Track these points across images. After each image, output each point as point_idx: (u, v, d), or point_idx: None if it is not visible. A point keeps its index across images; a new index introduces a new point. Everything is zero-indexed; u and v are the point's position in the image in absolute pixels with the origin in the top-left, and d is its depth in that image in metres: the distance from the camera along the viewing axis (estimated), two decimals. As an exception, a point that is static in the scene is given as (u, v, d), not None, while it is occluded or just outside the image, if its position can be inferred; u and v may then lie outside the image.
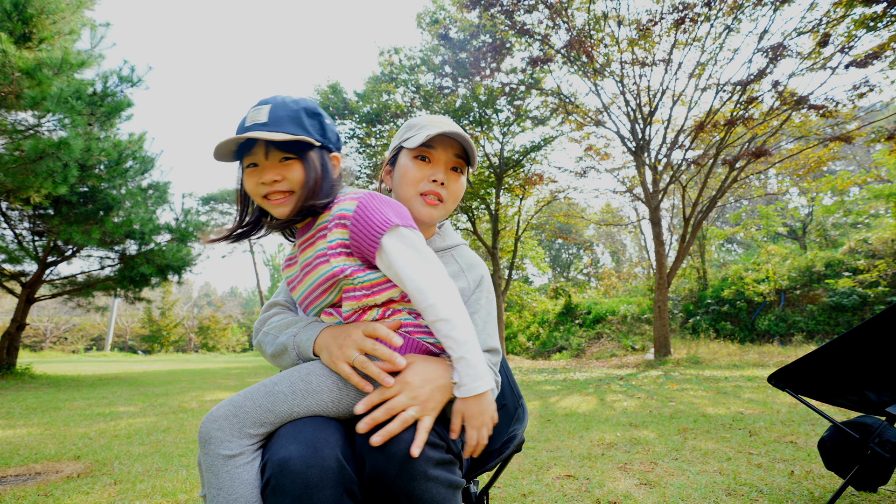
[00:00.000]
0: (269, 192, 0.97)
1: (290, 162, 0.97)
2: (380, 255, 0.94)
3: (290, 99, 0.99)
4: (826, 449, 2.01)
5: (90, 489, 2.36)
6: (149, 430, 3.93)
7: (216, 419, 0.87)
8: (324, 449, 0.82)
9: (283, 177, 0.96)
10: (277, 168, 0.97)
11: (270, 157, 0.96)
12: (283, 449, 0.82)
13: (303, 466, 0.79)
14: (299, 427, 0.86)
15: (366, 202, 0.96)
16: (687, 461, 2.70)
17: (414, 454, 0.82)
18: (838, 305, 11.61)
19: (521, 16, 10.71)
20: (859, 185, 13.34)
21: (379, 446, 0.82)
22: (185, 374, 10.70)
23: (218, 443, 0.85)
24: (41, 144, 6.43)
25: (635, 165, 11.31)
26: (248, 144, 0.97)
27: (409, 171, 1.16)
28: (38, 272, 9.26)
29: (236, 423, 0.86)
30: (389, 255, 0.93)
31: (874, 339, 1.78)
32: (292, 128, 0.95)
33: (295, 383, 0.91)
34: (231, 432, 0.86)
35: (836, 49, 8.99)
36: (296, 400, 0.90)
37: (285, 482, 0.79)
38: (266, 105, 0.96)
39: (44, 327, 35.97)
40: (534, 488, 2.31)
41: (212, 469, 0.85)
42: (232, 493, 0.83)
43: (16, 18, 6.83)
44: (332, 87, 15.37)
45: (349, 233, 0.95)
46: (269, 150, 0.96)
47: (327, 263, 0.95)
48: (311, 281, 0.99)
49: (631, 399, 5.29)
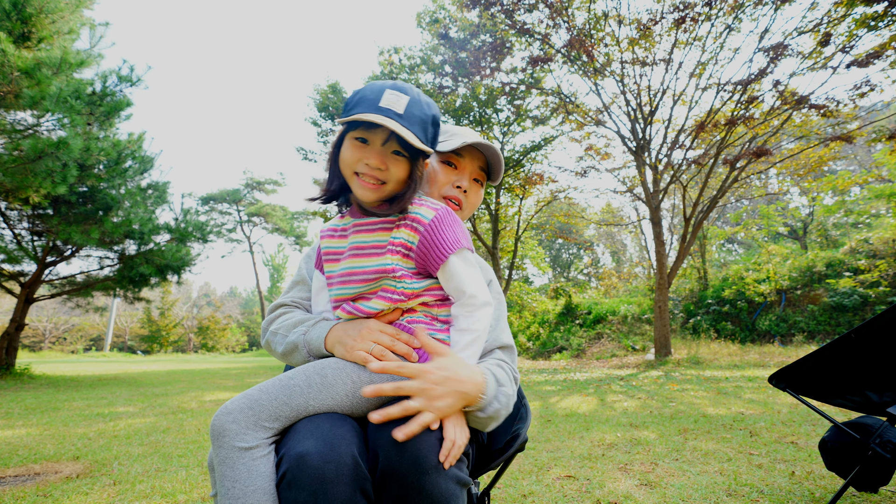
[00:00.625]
0: (365, 174, 0.98)
1: (399, 158, 0.99)
2: (444, 267, 1.00)
3: (424, 100, 1.00)
4: (827, 449, 2.01)
5: (89, 490, 2.35)
6: (148, 431, 3.93)
7: (231, 412, 0.86)
8: (340, 446, 0.82)
9: (386, 167, 0.98)
10: (385, 157, 0.98)
11: (386, 146, 0.98)
12: (300, 444, 0.83)
13: (320, 462, 0.80)
14: (316, 423, 0.87)
15: (443, 217, 1.01)
16: (687, 462, 2.69)
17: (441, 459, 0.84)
18: (839, 305, 11.58)
19: (521, 15, 10.69)
20: (860, 184, 13.31)
21: (393, 444, 0.83)
22: (185, 375, 10.70)
23: (233, 435, 0.85)
24: (40, 144, 6.42)
25: (636, 165, 11.29)
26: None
27: (437, 174, 1.21)
28: (37, 272, 9.25)
29: (252, 415, 0.86)
30: (453, 269, 1.00)
31: (875, 339, 1.77)
32: (419, 130, 0.97)
33: (311, 377, 0.92)
34: (247, 425, 0.86)
35: (836, 48, 8.97)
36: (311, 393, 0.90)
37: (301, 477, 0.79)
38: (405, 96, 0.96)
39: (43, 327, 35.93)
40: (534, 489, 2.31)
41: (227, 461, 0.84)
42: (249, 484, 0.83)
43: (15, 18, 6.82)
44: (332, 86, 15.36)
45: (419, 238, 0.99)
46: (388, 140, 0.97)
47: (381, 257, 0.98)
48: (357, 265, 1.00)
49: (631, 399, 5.28)
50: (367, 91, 0.96)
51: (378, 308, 0.99)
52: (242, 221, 32.87)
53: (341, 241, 1.07)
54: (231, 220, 32.75)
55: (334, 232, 1.09)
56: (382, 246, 0.99)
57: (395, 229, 0.99)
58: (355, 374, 0.93)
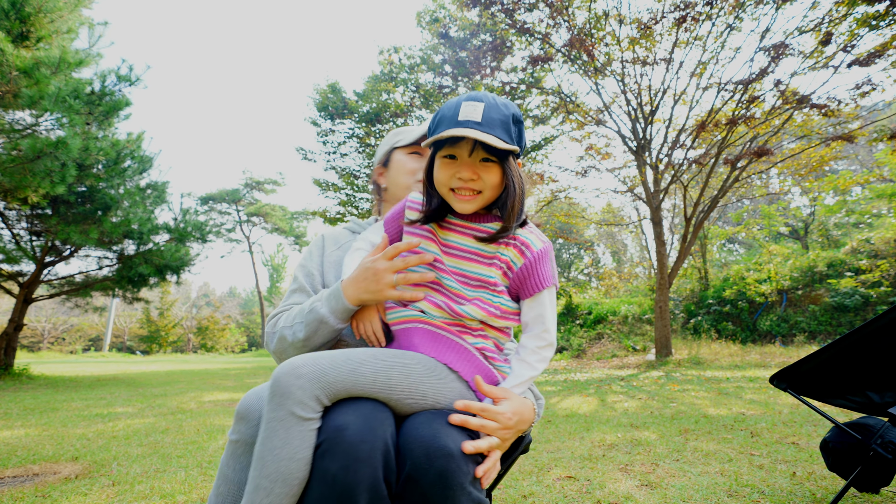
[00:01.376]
0: (460, 188, 1.01)
1: (489, 164, 1.00)
2: (537, 296, 1.04)
3: (500, 101, 1.01)
4: (828, 450, 2.01)
5: (88, 490, 2.35)
6: (147, 431, 3.91)
7: (301, 376, 0.85)
8: (377, 429, 0.84)
9: (478, 176, 0.99)
10: (475, 167, 0.99)
11: (473, 156, 0.99)
12: (340, 416, 0.84)
13: (356, 439, 0.81)
14: (359, 401, 0.88)
15: (548, 251, 1.06)
16: (688, 462, 2.68)
17: (478, 475, 0.87)
18: (840, 306, 11.54)
19: (521, 14, 10.67)
20: (861, 184, 13.26)
21: (424, 452, 0.83)
22: (184, 375, 10.68)
23: (295, 402, 0.84)
24: (39, 144, 6.42)
25: (636, 165, 11.26)
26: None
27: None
28: (35, 272, 9.24)
29: (318, 388, 0.85)
30: (543, 300, 1.05)
31: (876, 339, 1.76)
32: (502, 132, 0.97)
33: (383, 368, 0.92)
34: (311, 395, 0.85)
35: (838, 48, 8.94)
36: (377, 382, 0.90)
37: (336, 450, 0.81)
38: (480, 104, 0.97)
39: (41, 328, 35.87)
40: (534, 489, 2.30)
41: (282, 422, 0.84)
42: (298, 452, 0.84)
43: (13, 17, 6.81)
44: (332, 86, 15.33)
45: (524, 262, 1.03)
46: (474, 149, 0.99)
47: (487, 267, 1.02)
48: (457, 266, 1.04)
49: (632, 400, 5.26)
50: (446, 109, 0.99)
51: (472, 314, 1.01)
52: (242, 221, 32.76)
53: (430, 243, 1.09)
54: (230, 220, 32.66)
55: (421, 229, 1.11)
56: (490, 257, 1.03)
57: (506, 248, 1.03)
58: (430, 376, 0.95)
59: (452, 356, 1.00)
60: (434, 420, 0.88)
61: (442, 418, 0.89)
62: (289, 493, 0.84)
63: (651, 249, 17.81)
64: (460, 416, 0.90)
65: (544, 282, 1.03)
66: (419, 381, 0.93)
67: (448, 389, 0.96)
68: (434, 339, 1.02)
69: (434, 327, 1.02)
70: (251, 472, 0.86)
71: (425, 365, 0.95)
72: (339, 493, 0.79)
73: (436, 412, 0.92)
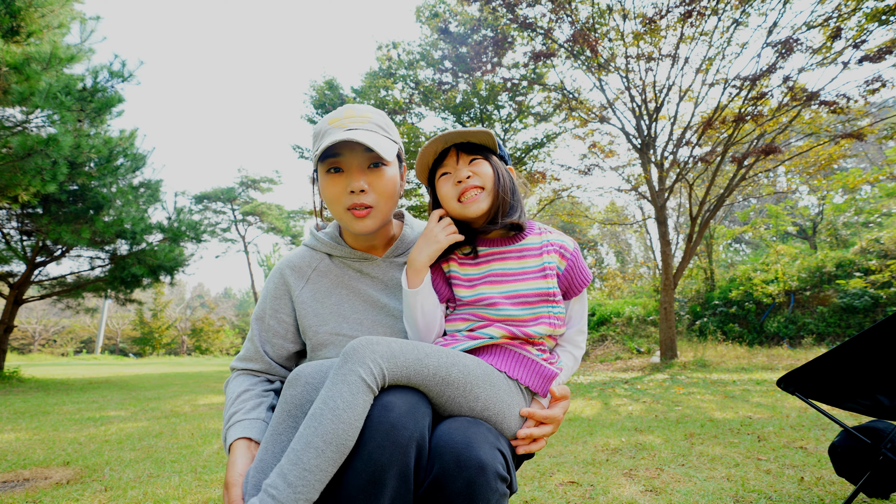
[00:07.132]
0: (464, 190, 1.07)
1: (477, 160, 1.09)
2: (578, 296, 1.13)
3: None
4: (837, 454, 2.00)
5: (80, 496, 2.33)
6: (140, 436, 3.88)
7: (375, 351, 0.86)
8: (419, 420, 0.84)
9: (473, 173, 1.08)
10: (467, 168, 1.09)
11: (461, 161, 1.10)
12: (388, 396, 0.85)
13: (399, 423, 0.81)
14: (406, 389, 0.89)
15: (577, 247, 1.13)
16: (694, 467, 2.66)
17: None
18: (849, 307, 11.39)
19: (523, 9, 10.55)
20: (871, 182, 13.04)
21: (454, 459, 0.81)
22: (178, 378, 10.63)
23: (367, 372, 0.84)
24: (29, 141, 6.36)
25: (641, 163, 11.14)
26: (438, 158, 1.13)
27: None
28: (26, 273, 9.16)
29: (386, 366, 0.86)
30: (583, 296, 1.13)
31: (886, 341, 1.74)
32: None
33: (449, 369, 0.92)
34: (378, 372, 0.85)
35: (847, 43, 8.80)
36: (437, 378, 0.90)
37: (378, 427, 0.81)
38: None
39: (32, 329, 35.76)
40: (536, 495, 2.27)
41: (350, 386, 0.83)
42: (358, 419, 0.82)
43: (3, 12, 6.72)
44: (329, 82, 15.24)
45: (567, 264, 1.09)
46: (458, 155, 1.10)
47: (544, 280, 1.06)
48: (517, 289, 1.06)
49: (636, 403, 5.21)
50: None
51: (541, 333, 1.04)
52: (237, 220, 32.28)
53: (475, 268, 1.11)
54: (225, 220, 32.13)
55: (462, 261, 1.13)
56: (542, 269, 1.07)
57: (546, 255, 1.08)
58: (486, 382, 0.96)
59: (513, 365, 1.02)
60: (469, 428, 0.87)
61: (478, 427, 0.88)
62: (337, 462, 0.81)
63: (655, 249, 17.66)
64: (527, 430, 0.97)
65: (587, 278, 1.11)
66: (475, 384, 0.94)
67: (499, 398, 0.96)
68: (497, 349, 1.04)
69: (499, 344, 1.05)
70: (302, 430, 0.83)
71: (484, 370, 0.97)
72: (371, 471, 0.79)
73: (473, 420, 0.91)
